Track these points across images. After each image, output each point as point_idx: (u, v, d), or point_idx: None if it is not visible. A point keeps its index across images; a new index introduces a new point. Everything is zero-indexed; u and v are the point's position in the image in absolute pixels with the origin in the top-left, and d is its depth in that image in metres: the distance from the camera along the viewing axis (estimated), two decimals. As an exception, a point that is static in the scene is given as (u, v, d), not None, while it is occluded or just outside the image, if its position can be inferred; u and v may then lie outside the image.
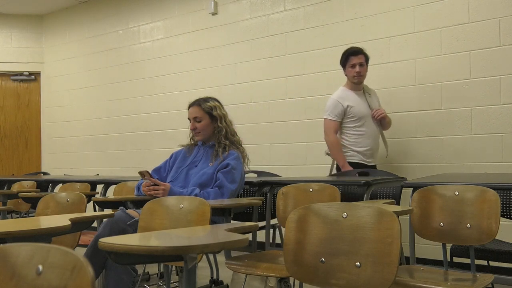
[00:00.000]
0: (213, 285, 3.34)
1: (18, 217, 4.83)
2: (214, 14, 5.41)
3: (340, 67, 3.83)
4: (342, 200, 2.59)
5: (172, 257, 1.37)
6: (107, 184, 4.27)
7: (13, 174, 7.17)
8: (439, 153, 3.91)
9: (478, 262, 2.38)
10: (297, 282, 2.48)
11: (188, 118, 3.02)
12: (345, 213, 1.59)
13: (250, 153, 3.13)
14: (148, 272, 3.64)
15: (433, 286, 1.72)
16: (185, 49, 5.69)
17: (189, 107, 3.05)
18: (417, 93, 4.03)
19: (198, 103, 3.01)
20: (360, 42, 4.24)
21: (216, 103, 3.04)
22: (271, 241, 3.31)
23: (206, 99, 3.04)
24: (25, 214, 4.84)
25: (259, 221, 3.27)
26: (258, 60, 5.00)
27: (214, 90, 5.09)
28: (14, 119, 7.47)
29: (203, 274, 3.56)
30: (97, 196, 4.04)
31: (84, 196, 2.57)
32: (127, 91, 6.26)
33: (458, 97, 3.88)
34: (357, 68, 3.68)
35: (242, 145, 3.06)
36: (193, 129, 2.99)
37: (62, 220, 1.68)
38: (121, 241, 1.21)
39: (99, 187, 4.47)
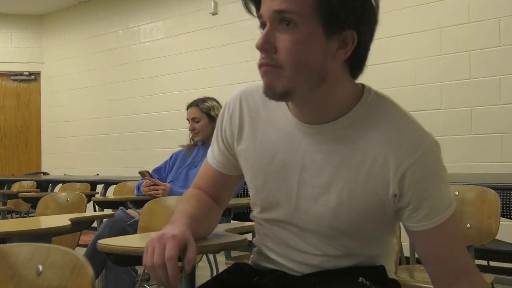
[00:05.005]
0: (213, 285, 3.34)
1: (18, 217, 4.83)
2: (214, 14, 5.41)
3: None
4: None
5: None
6: (107, 184, 4.27)
7: (13, 174, 7.18)
8: (439, 153, 3.90)
9: (478, 262, 2.39)
10: (297, 282, 2.48)
11: (187, 119, 3.03)
12: (345, 213, 1.58)
13: (250, 153, 3.13)
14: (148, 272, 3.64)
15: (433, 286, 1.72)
16: (185, 49, 5.69)
17: (187, 108, 3.05)
18: (417, 93, 4.02)
19: (196, 103, 3.02)
20: (360, 42, 4.24)
21: (214, 103, 3.04)
22: (271, 241, 3.30)
23: (204, 100, 3.04)
24: (25, 214, 4.84)
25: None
26: (258, 60, 4.99)
27: (214, 90, 5.09)
28: (14, 119, 7.47)
29: (203, 274, 3.55)
30: (97, 196, 4.04)
31: (84, 196, 2.57)
32: (127, 91, 6.26)
33: (458, 97, 3.87)
34: None
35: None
36: (192, 130, 2.99)
37: (62, 220, 1.68)
38: (120, 242, 1.21)
39: (99, 187, 4.47)
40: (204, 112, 2.98)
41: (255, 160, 1.07)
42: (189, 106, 3.04)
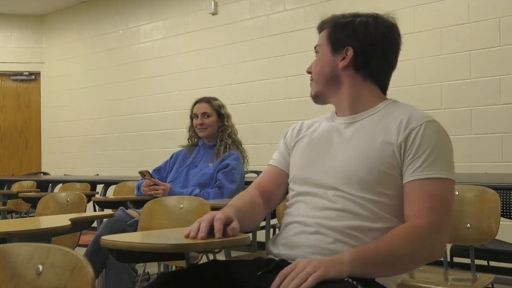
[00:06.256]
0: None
1: (18, 217, 4.83)
2: (214, 14, 5.41)
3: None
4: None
5: (174, 255, 1.37)
6: (107, 184, 4.27)
7: (13, 174, 7.17)
8: (439, 153, 3.89)
9: (478, 262, 2.39)
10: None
11: (195, 114, 3.01)
12: (345, 213, 1.58)
13: (250, 153, 3.13)
14: (148, 272, 3.64)
15: (433, 286, 1.72)
16: (185, 49, 5.68)
17: (195, 103, 3.05)
18: (417, 93, 4.02)
19: (207, 100, 3.03)
20: (360, 42, 4.24)
21: (222, 102, 3.07)
22: (271, 241, 3.30)
23: (213, 98, 3.07)
24: (25, 214, 4.84)
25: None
26: (258, 60, 4.99)
27: (214, 90, 5.09)
28: (14, 119, 7.47)
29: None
30: (97, 196, 4.04)
31: (84, 196, 2.57)
32: (127, 91, 6.26)
33: (458, 97, 3.87)
34: None
35: (242, 146, 3.07)
36: (201, 124, 2.98)
37: (62, 220, 1.68)
38: (123, 238, 1.21)
39: (99, 187, 4.47)
40: (215, 109, 2.99)
41: (304, 144, 1.44)
42: (199, 101, 3.04)
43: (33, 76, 7.42)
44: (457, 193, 2.02)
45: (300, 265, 1.09)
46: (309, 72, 1.47)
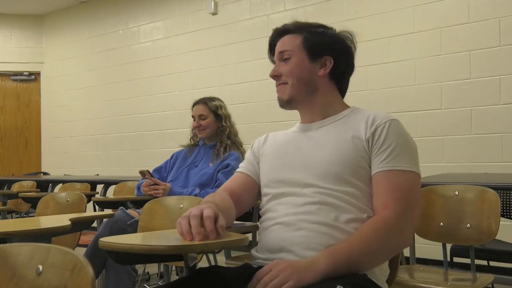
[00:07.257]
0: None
1: (18, 217, 4.83)
2: (214, 14, 5.41)
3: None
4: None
5: (173, 256, 1.37)
6: (107, 184, 4.27)
7: (13, 174, 7.17)
8: (439, 153, 3.90)
9: (478, 262, 2.39)
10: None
11: (192, 116, 3.02)
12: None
13: (250, 153, 3.13)
14: (148, 272, 3.64)
15: (433, 286, 1.72)
16: (185, 49, 5.68)
17: (193, 105, 3.06)
18: (417, 93, 4.02)
19: (204, 101, 3.03)
20: (360, 42, 4.23)
21: (221, 103, 3.06)
22: (271, 241, 3.30)
23: (212, 98, 3.06)
24: (25, 214, 4.84)
25: (259, 221, 3.26)
26: (258, 60, 4.99)
27: (214, 90, 5.09)
28: (14, 119, 7.47)
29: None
30: (97, 196, 4.04)
31: (84, 196, 2.57)
32: (127, 91, 6.26)
33: (458, 97, 3.87)
34: None
35: (243, 146, 3.07)
36: (198, 127, 2.99)
37: (62, 220, 1.68)
38: (121, 240, 1.21)
39: (99, 187, 4.47)
40: (211, 111, 2.99)
41: (272, 152, 1.48)
42: (196, 103, 3.05)
43: (33, 76, 7.42)
44: (457, 193, 2.02)
45: (275, 269, 1.13)
46: (276, 76, 1.48)
